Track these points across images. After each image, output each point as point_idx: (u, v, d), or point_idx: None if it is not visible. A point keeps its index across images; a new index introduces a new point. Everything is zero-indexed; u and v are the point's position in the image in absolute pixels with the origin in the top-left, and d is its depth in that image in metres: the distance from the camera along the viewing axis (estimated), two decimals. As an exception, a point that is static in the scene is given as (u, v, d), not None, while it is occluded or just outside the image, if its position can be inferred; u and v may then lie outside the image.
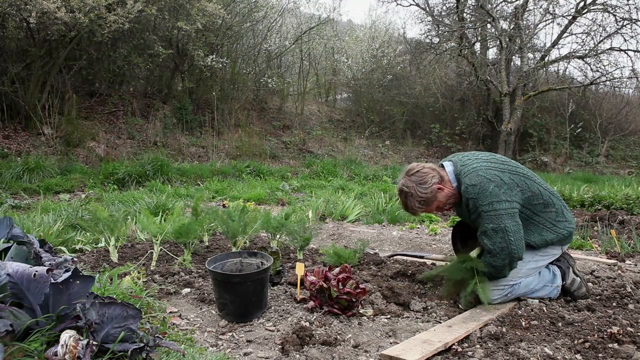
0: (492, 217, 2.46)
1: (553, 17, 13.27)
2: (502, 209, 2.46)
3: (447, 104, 14.65)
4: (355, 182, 9.64)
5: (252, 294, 2.42)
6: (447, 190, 2.64)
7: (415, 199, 2.62)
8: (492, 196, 2.47)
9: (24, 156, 8.20)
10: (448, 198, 2.65)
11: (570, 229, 2.68)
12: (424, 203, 2.62)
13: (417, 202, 2.62)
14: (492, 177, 2.51)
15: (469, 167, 2.59)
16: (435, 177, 2.61)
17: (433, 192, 2.59)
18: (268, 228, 3.74)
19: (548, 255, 2.71)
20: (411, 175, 2.63)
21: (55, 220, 4.18)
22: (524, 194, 2.56)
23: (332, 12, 15.44)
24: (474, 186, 2.51)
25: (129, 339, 1.71)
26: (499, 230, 2.45)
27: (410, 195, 2.61)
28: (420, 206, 2.64)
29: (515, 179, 2.56)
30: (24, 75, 9.31)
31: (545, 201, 2.61)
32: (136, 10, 8.68)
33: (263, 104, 14.52)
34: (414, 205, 2.64)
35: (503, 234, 2.45)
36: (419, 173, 2.62)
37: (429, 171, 2.62)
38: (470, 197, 2.53)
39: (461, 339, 2.20)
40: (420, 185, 2.59)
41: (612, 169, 12.70)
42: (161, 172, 8.27)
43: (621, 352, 2.02)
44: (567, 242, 2.74)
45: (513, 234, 2.45)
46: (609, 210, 5.91)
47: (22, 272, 1.75)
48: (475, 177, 2.52)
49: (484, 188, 2.48)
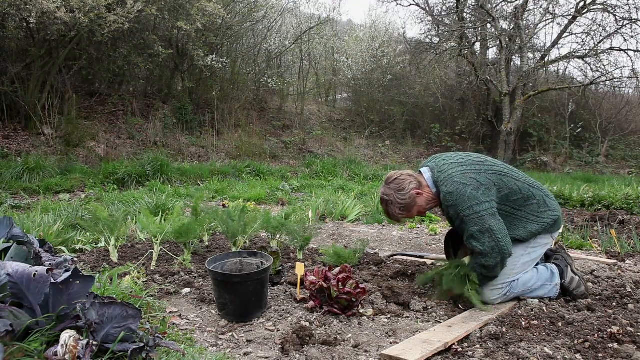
0: (475, 220, 2.50)
1: (553, 17, 13.29)
2: (483, 210, 2.50)
3: (447, 104, 14.66)
4: (355, 182, 9.64)
5: (252, 294, 2.42)
6: (427, 195, 2.70)
7: (395, 206, 2.69)
8: (470, 200, 2.50)
9: (24, 156, 8.20)
10: (428, 202, 2.72)
11: (554, 216, 2.68)
12: (404, 209, 2.70)
13: (398, 209, 2.70)
14: (468, 182, 2.55)
15: (445, 174, 2.63)
16: (413, 182, 2.68)
17: (412, 197, 2.66)
18: (268, 228, 3.74)
19: (539, 246, 2.71)
20: (390, 183, 2.71)
21: (55, 220, 4.18)
22: (501, 192, 2.59)
23: (332, 12, 15.50)
24: (451, 194, 2.55)
25: (129, 339, 1.71)
26: (485, 230, 2.49)
27: (390, 202, 2.70)
28: (401, 212, 2.71)
29: (492, 178, 2.60)
30: (24, 75, 9.31)
31: (524, 195, 2.64)
32: (136, 10, 8.67)
33: (263, 104, 14.52)
34: (394, 212, 2.72)
35: (490, 233, 2.49)
36: (397, 180, 2.69)
37: (407, 177, 2.69)
38: (450, 205, 2.57)
39: (461, 339, 2.20)
40: (398, 192, 2.67)
41: (612, 169, 12.70)
42: (161, 172, 8.27)
43: (621, 352, 2.02)
44: (556, 229, 2.74)
45: (499, 231, 2.50)
46: (609, 210, 5.91)
47: (22, 272, 1.75)
48: (451, 185, 2.56)
49: (461, 194, 2.52)
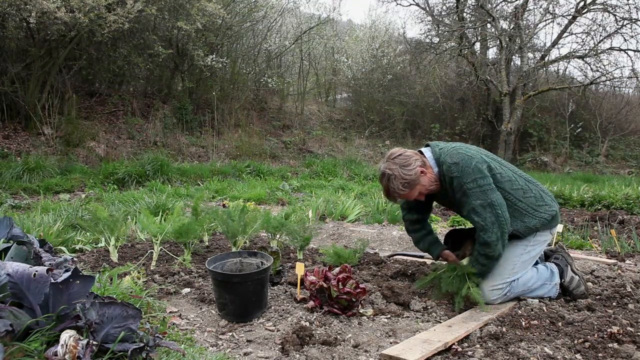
0: (477, 194, 2.50)
1: (553, 17, 13.28)
2: (487, 184, 2.51)
3: (447, 104, 14.65)
4: (355, 182, 9.64)
5: (252, 294, 2.42)
6: (430, 175, 2.63)
7: (398, 181, 2.56)
8: (475, 172, 2.50)
9: (23, 156, 8.20)
10: (431, 183, 2.64)
11: (551, 212, 2.68)
12: (407, 185, 2.58)
13: (401, 184, 2.57)
14: (473, 154, 2.57)
15: (449, 147, 2.64)
16: (418, 160, 2.61)
17: (417, 174, 2.57)
18: (268, 228, 3.74)
19: (538, 243, 2.71)
20: (394, 158, 2.61)
21: (55, 220, 4.18)
22: (503, 179, 2.60)
23: (332, 11, 15.46)
24: (456, 164, 2.53)
25: (129, 339, 1.71)
26: (487, 205, 2.49)
27: (393, 177, 2.57)
28: (403, 189, 2.58)
29: (493, 162, 2.63)
30: (23, 75, 9.31)
31: (522, 187, 2.65)
32: (136, 10, 8.67)
33: (263, 104, 14.52)
34: (396, 187, 2.58)
35: (491, 208, 2.49)
36: (402, 156, 2.60)
37: (412, 154, 2.63)
38: (454, 176, 2.54)
39: (461, 339, 2.20)
40: (404, 168, 2.57)
41: (612, 169, 12.70)
42: (161, 172, 8.27)
43: (621, 352, 2.02)
44: (554, 225, 2.74)
45: (499, 206, 2.50)
46: (609, 210, 5.91)
47: (22, 272, 1.75)
48: (456, 155, 2.56)
49: (466, 165, 2.51)
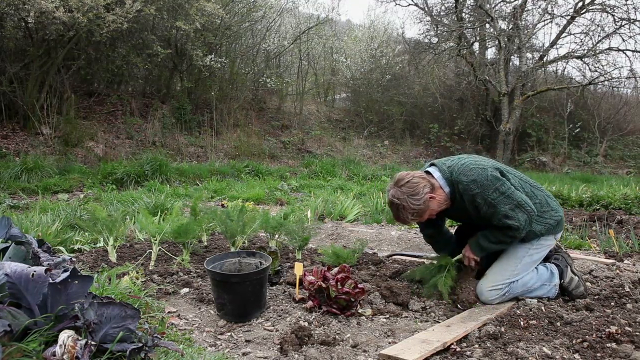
0: (504, 200, 2.49)
1: (552, 17, 13.30)
2: (507, 188, 2.51)
3: (445, 104, 14.66)
4: (354, 182, 9.64)
5: (250, 294, 2.42)
6: (439, 198, 2.58)
7: (407, 212, 2.52)
8: (494, 182, 2.50)
9: (22, 156, 8.18)
10: (440, 205, 2.60)
11: (557, 217, 2.70)
12: (417, 214, 2.55)
13: (410, 215, 2.54)
14: (485, 164, 2.57)
15: (458, 165, 2.58)
16: (427, 186, 2.52)
17: (426, 202, 2.51)
18: (267, 228, 3.74)
19: (542, 247, 2.72)
20: (401, 186, 2.52)
21: (53, 220, 4.18)
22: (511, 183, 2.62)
23: (331, 11, 15.50)
24: (474, 181, 2.50)
25: (128, 339, 1.71)
26: (516, 206, 2.50)
27: (402, 208, 2.52)
28: (413, 218, 2.58)
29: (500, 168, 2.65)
30: (22, 75, 9.29)
31: (527, 193, 2.65)
32: (135, 10, 8.66)
33: (262, 104, 14.51)
34: (406, 217, 2.56)
35: (520, 208, 2.50)
36: (410, 184, 2.51)
37: (420, 181, 2.52)
38: (476, 193, 2.50)
39: (460, 339, 2.20)
40: (412, 197, 2.50)
41: (610, 169, 12.72)
42: (160, 172, 8.25)
43: (619, 352, 2.02)
44: (558, 230, 2.75)
45: (526, 203, 2.52)
46: (608, 210, 5.92)
47: (20, 272, 1.74)
48: (470, 172, 2.52)
49: (484, 177, 2.50)
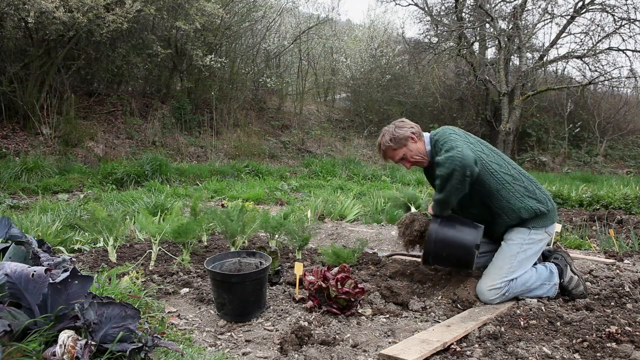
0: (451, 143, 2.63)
1: (552, 17, 13.30)
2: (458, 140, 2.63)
3: (445, 104, 14.66)
4: (354, 181, 9.64)
5: (250, 294, 2.42)
6: (419, 145, 2.88)
7: (387, 136, 2.91)
8: (452, 140, 2.65)
9: (22, 156, 8.18)
10: (418, 153, 2.88)
11: (542, 208, 2.71)
12: (394, 141, 2.87)
13: (389, 139, 2.89)
14: (458, 133, 2.74)
15: (441, 131, 2.84)
16: (414, 128, 2.91)
17: (405, 137, 2.86)
18: (267, 228, 3.74)
19: (534, 242, 2.72)
20: (395, 122, 2.99)
21: (53, 220, 4.18)
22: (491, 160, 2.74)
23: (331, 11, 15.57)
24: (436, 133, 2.81)
25: (128, 339, 1.71)
26: (449, 148, 2.59)
27: (386, 132, 2.93)
28: (389, 142, 2.88)
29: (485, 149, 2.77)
30: (22, 75, 9.29)
31: (512, 175, 2.74)
32: (135, 9, 8.66)
33: (262, 104, 14.51)
34: (385, 141, 2.91)
35: (453, 150, 2.56)
36: (402, 122, 2.96)
37: (410, 123, 2.96)
38: (437, 140, 2.76)
39: (460, 339, 2.20)
40: (397, 128, 2.91)
41: (610, 169, 12.72)
42: (160, 172, 8.26)
43: (619, 352, 2.02)
44: (548, 223, 2.75)
45: (461, 148, 2.55)
46: (608, 209, 5.92)
47: (20, 272, 1.74)
48: (441, 130, 2.82)
49: (446, 134, 2.72)
